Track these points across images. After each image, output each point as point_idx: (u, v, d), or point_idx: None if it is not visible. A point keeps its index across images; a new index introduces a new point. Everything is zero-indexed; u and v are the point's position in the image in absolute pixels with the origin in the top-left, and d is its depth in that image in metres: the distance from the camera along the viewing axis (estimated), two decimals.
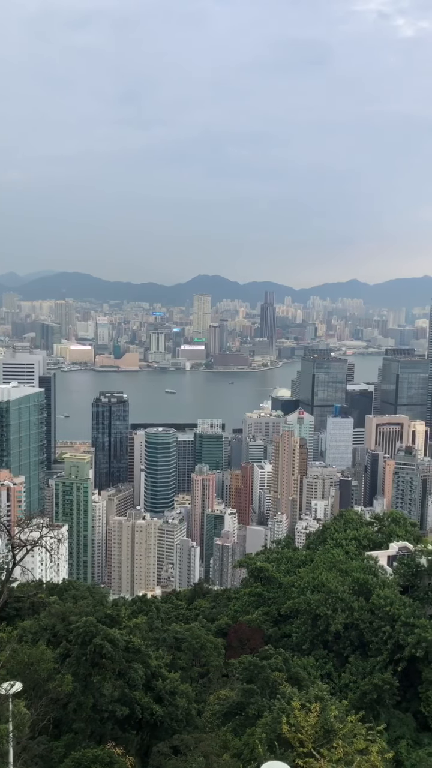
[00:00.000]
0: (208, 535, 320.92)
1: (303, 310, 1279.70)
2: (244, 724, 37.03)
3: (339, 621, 62.32)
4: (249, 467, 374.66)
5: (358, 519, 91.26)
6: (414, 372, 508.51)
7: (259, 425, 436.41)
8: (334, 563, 71.57)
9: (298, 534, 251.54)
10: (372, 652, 60.69)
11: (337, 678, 59.70)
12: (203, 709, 44.06)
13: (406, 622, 58.87)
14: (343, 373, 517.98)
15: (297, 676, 46.51)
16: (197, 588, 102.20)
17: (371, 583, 64.38)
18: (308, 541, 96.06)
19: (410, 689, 58.90)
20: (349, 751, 23.25)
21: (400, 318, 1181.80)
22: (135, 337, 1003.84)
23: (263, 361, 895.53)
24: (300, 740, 24.19)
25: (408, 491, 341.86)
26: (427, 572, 67.53)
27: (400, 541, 77.51)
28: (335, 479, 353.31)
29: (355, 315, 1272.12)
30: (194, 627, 59.31)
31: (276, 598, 73.90)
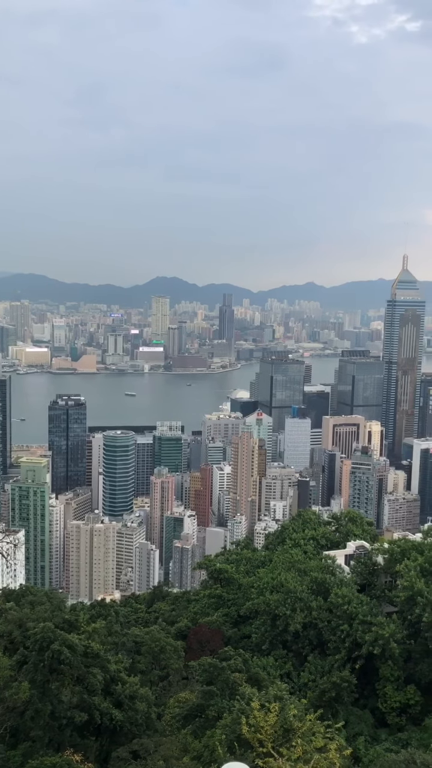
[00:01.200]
0: (167, 538, 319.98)
1: (261, 312, 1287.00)
2: (204, 726, 37.00)
3: (298, 620, 62.80)
4: (208, 469, 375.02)
5: (316, 519, 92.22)
6: (369, 373, 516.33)
7: (219, 427, 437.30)
8: (292, 563, 72.11)
9: (258, 535, 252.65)
10: (330, 650, 61.34)
11: (296, 677, 60.17)
12: (163, 713, 43.88)
13: (364, 620, 59.70)
14: (301, 374, 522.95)
15: (257, 677, 46.68)
16: (156, 591, 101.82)
17: (329, 583, 65.05)
18: (267, 542, 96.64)
19: (368, 686, 59.77)
20: (308, 750, 23.43)
21: (356, 320, 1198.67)
22: (92, 339, 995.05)
23: (222, 363, 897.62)
24: (259, 740, 24.29)
25: (364, 491, 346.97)
26: (384, 570, 68.66)
27: (357, 540, 78.55)
28: (293, 480, 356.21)
29: (312, 317, 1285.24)
30: (154, 630, 59.03)
31: (235, 599, 74.10)
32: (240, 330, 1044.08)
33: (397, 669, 58.34)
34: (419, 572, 61.70)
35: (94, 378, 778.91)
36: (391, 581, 67.40)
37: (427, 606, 58.18)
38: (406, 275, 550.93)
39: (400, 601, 61.33)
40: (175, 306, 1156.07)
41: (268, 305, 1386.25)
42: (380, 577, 68.77)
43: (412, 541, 71.05)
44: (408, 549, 67.29)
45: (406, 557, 65.00)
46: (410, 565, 62.40)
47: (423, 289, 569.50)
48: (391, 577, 67.53)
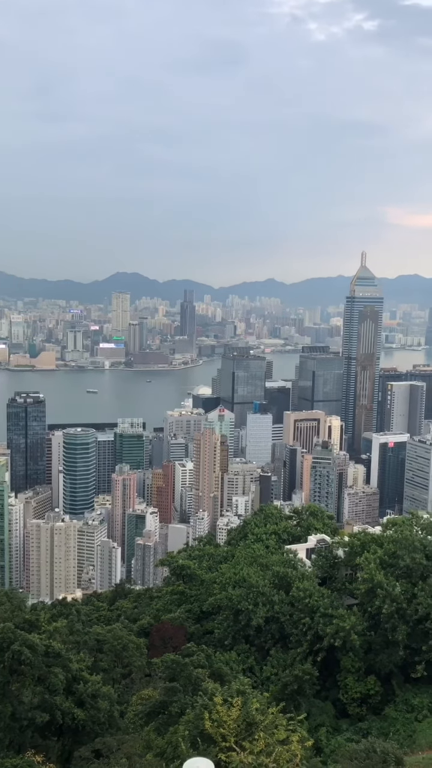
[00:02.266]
0: (129, 535, 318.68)
1: (222, 308, 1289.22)
2: (167, 723, 36.98)
3: (260, 615, 63.19)
4: (170, 466, 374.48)
5: (278, 513, 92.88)
6: (329, 369, 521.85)
7: (180, 423, 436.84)
8: (254, 558, 72.51)
9: (220, 530, 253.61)
10: (292, 644, 61.89)
11: (258, 671, 60.57)
12: (126, 711, 43.72)
13: (325, 613, 60.37)
14: (262, 370, 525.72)
15: (219, 672, 46.85)
16: (119, 589, 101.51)
17: (291, 576, 65.58)
18: (229, 537, 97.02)
19: (329, 678, 60.52)
20: (270, 742, 23.61)
21: (316, 317, 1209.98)
22: (51, 335, 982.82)
23: (184, 360, 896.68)
24: (222, 735, 24.37)
25: (325, 485, 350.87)
26: (344, 563, 69.50)
27: (318, 533, 79.34)
28: (255, 475, 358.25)
29: (273, 314, 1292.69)
30: (116, 628, 58.72)
31: (198, 595, 74.21)
32: (201, 326, 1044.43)
33: (357, 660, 59.20)
34: (379, 565, 62.61)
35: (53, 375, 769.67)
36: (352, 574, 68.25)
37: (387, 598, 59.11)
38: (364, 272, 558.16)
39: (361, 593, 62.17)
40: (135, 302, 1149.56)
41: (230, 301, 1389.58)
42: (341, 570, 69.58)
43: (372, 534, 72.04)
44: (368, 542, 68.21)
45: (365, 550, 65.89)
46: (370, 558, 63.29)
47: (381, 286, 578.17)
48: (352, 570, 68.38)
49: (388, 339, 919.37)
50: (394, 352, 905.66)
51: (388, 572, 62.21)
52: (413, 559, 61.87)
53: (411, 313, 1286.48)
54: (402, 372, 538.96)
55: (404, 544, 63.77)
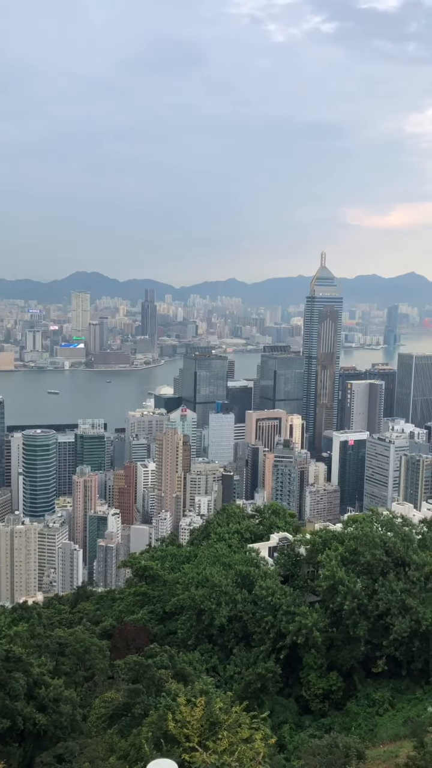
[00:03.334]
0: (91, 537, 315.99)
1: (184, 308, 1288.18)
2: (130, 725, 36.74)
3: (223, 614, 63.29)
4: (132, 466, 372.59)
5: (240, 513, 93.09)
6: (290, 368, 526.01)
7: (142, 424, 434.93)
8: (217, 557, 72.58)
9: (183, 531, 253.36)
10: (255, 642, 62.14)
11: (222, 670, 60.65)
12: (89, 714, 43.31)
13: (288, 610, 60.77)
14: (224, 370, 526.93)
15: (183, 672, 46.76)
16: (80, 591, 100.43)
17: (254, 575, 65.83)
18: (192, 537, 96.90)
19: (292, 675, 60.97)
20: (233, 741, 23.65)
21: (277, 316, 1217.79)
22: (9, 335, 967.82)
23: (145, 359, 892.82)
24: (186, 735, 24.32)
25: (287, 483, 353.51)
26: (306, 561, 70.10)
27: (280, 532, 79.79)
28: (218, 474, 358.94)
29: (234, 313, 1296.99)
30: (78, 631, 58.17)
31: (161, 595, 73.97)
32: (163, 326, 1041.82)
33: (320, 657, 59.75)
34: (340, 561, 63.28)
35: (11, 376, 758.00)
36: (314, 571, 68.85)
37: (348, 594, 59.78)
38: (324, 272, 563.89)
39: (322, 590, 62.75)
40: (95, 301, 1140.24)
41: (191, 301, 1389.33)
42: (303, 568, 70.15)
43: (333, 531, 72.75)
44: (329, 539, 68.87)
45: (327, 547, 66.52)
46: (331, 555, 63.92)
47: (340, 286, 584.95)
48: (314, 567, 68.98)
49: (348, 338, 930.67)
50: (354, 351, 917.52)
51: (349, 569, 62.94)
52: (374, 555, 62.72)
53: (370, 312, 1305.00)
54: (361, 371, 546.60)
55: (365, 541, 64.59)
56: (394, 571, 62.62)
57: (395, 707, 56.79)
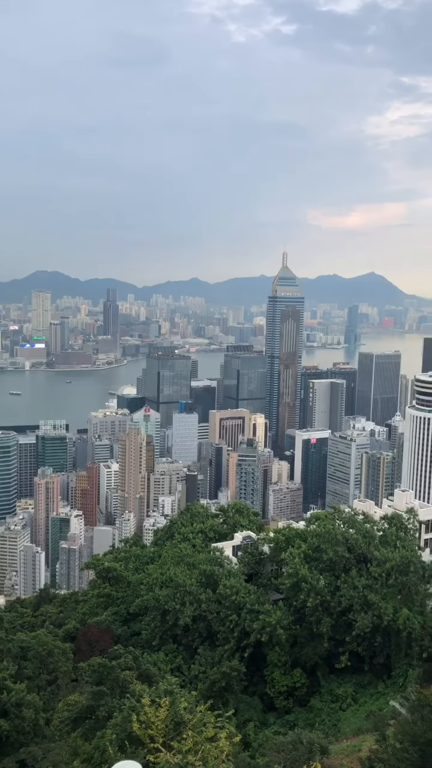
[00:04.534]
0: (53, 539, 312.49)
1: (146, 307, 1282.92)
2: (94, 728, 36.43)
3: (187, 614, 63.25)
4: (95, 467, 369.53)
5: (204, 512, 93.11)
6: (253, 368, 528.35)
7: (105, 424, 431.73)
8: (181, 557, 72.49)
9: (147, 531, 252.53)
10: (220, 641, 62.26)
11: (187, 670, 60.64)
12: (52, 718, 42.82)
13: (251, 609, 61.04)
14: (187, 369, 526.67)
15: (147, 673, 46.59)
16: (43, 594, 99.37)
17: (218, 574, 65.94)
18: (156, 538, 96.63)
19: (257, 673, 61.26)
20: (198, 741, 23.66)
21: (240, 316, 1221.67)
22: None
23: (108, 359, 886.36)
24: (150, 736, 24.24)
25: (250, 482, 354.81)
26: (270, 559, 70.49)
27: (244, 531, 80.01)
28: (182, 474, 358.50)
29: (197, 313, 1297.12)
30: (41, 634, 57.50)
31: (125, 597, 73.61)
32: (125, 325, 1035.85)
33: (284, 654, 60.17)
34: (303, 559, 63.81)
35: None
36: (277, 569, 69.29)
37: (311, 591, 60.32)
38: (285, 272, 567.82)
39: (286, 587, 63.20)
40: (56, 301, 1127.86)
41: (153, 300, 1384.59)
42: (266, 566, 70.52)
43: (296, 529, 73.31)
44: (292, 537, 69.39)
45: (290, 545, 67.02)
46: (294, 553, 64.42)
47: (302, 286, 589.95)
48: (277, 565, 69.42)
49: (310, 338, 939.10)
50: (316, 350, 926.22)
51: (312, 566, 63.49)
52: (336, 552, 63.39)
53: (331, 312, 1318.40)
54: (323, 370, 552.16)
55: (327, 538, 65.23)
56: (356, 567, 63.41)
57: (358, 702, 57.56)
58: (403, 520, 70.04)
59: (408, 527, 69.69)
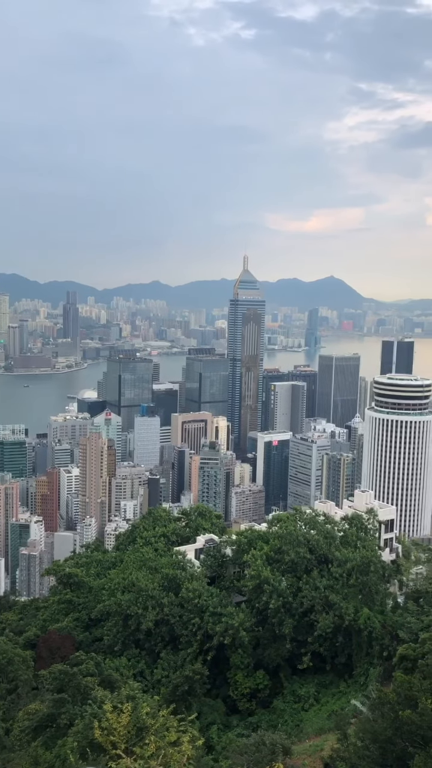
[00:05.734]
0: (13, 546, 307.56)
1: (107, 310, 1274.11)
2: (55, 736, 35.99)
3: (150, 618, 63.00)
4: (55, 472, 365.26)
5: (167, 516, 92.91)
6: (215, 370, 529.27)
7: (65, 428, 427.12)
8: (143, 562, 72.20)
9: (108, 536, 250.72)
10: (183, 644, 62.16)
11: (149, 675, 60.40)
12: (12, 727, 42.11)
13: (214, 611, 61.10)
14: (149, 372, 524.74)
15: (110, 679, 46.25)
16: (2, 601, 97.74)
17: (180, 578, 65.85)
18: (118, 542, 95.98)
19: (219, 676, 61.32)
20: (161, 745, 23.57)
21: (201, 319, 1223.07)
22: None
23: (68, 363, 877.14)
24: (112, 742, 24.04)
25: (213, 485, 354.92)
26: (232, 561, 70.66)
27: (206, 533, 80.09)
28: (144, 478, 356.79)
29: (159, 316, 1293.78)
30: (0, 642, 56.53)
31: (86, 602, 72.95)
32: (86, 329, 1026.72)
33: (246, 656, 60.37)
34: (265, 561, 64.16)
35: None
36: (240, 571, 69.50)
37: (273, 593, 60.67)
38: (246, 275, 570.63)
39: (248, 589, 63.44)
40: (15, 303, 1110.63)
41: (114, 303, 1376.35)
42: (229, 568, 70.67)
43: (258, 531, 73.67)
44: (254, 539, 69.72)
45: (252, 547, 67.31)
46: (257, 554, 64.72)
47: (263, 289, 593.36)
48: (240, 567, 69.63)
49: (271, 341, 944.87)
50: (277, 353, 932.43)
51: (275, 567, 63.88)
52: (297, 553, 63.91)
53: (291, 315, 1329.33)
54: (284, 372, 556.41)
55: (289, 540, 65.71)
56: (317, 568, 64.02)
57: (320, 702, 58.09)
58: (363, 521, 70.98)
59: (368, 527, 70.65)
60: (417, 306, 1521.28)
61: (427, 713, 28.17)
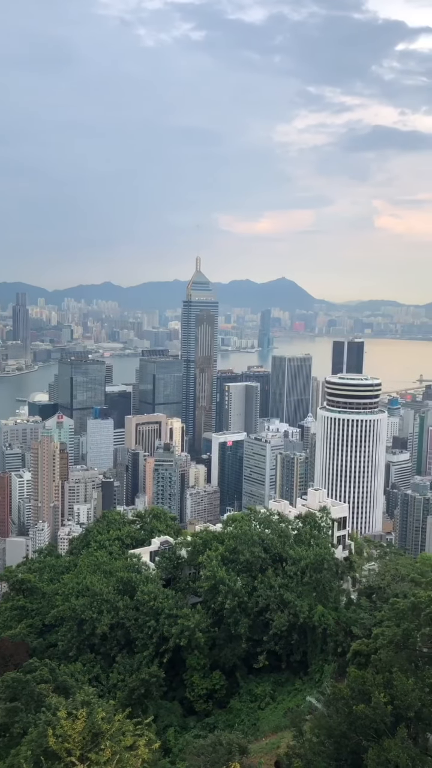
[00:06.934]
0: None
1: (58, 312, 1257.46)
2: (8, 746, 35.31)
3: (105, 622, 62.44)
4: (6, 477, 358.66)
5: (121, 519, 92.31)
6: (169, 372, 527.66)
7: (16, 432, 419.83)
8: (98, 566, 71.52)
9: (62, 540, 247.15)
10: (138, 648, 61.79)
11: (105, 679, 59.85)
12: None
13: (170, 613, 60.94)
14: (102, 374, 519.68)
15: (64, 685, 45.63)
16: None
17: (135, 581, 65.46)
18: (72, 547, 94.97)
19: (176, 678, 61.20)
20: (116, 750, 23.37)
21: (154, 320, 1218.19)
22: None
23: (17, 365, 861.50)
24: (67, 749, 23.73)
25: (168, 486, 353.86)
26: (188, 563, 70.61)
27: (161, 536, 79.85)
28: (97, 481, 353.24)
29: (111, 317, 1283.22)
30: None
31: (40, 608, 71.85)
32: (36, 330, 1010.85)
33: (203, 657, 60.39)
34: (220, 561, 64.31)
35: None
36: (195, 572, 69.51)
37: (229, 593, 60.84)
38: (199, 277, 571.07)
39: (204, 590, 63.48)
40: None
41: (65, 305, 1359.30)
42: (184, 570, 70.62)
43: (213, 532, 73.80)
44: (209, 540, 69.83)
45: (208, 548, 67.42)
46: (212, 555, 64.83)
47: (215, 290, 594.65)
48: (195, 569, 69.64)
49: (224, 342, 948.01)
50: (230, 354, 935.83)
51: (230, 568, 64.08)
52: (252, 553, 64.24)
53: (244, 316, 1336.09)
54: (238, 373, 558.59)
55: (244, 540, 66.03)
56: (272, 567, 64.48)
57: (276, 700, 58.50)
58: (316, 519, 71.82)
59: (321, 525, 71.51)
60: (366, 307, 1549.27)
61: (379, 707, 28.65)
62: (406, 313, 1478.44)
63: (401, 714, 28.90)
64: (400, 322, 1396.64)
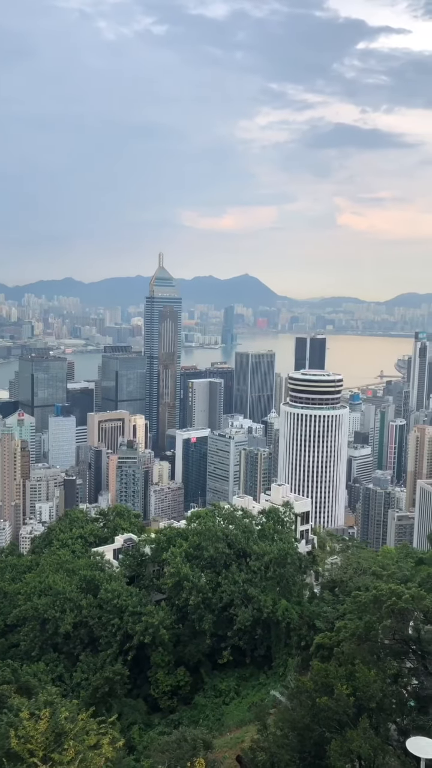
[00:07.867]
0: None
1: (18, 307, 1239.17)
2: None
3: (68, 621, 61.98)
4: None
5: (84, 517, 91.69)
6: (132, 368, 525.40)
7: None
8: (60, 564, 70.91)
9: (23, 539, 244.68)
10: (102, 646, 61.50)
11: (68, 678, 59.42)
12: None
13: (134, 611, 60.78)
14: (63, 371, 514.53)
15: (27, 685, 45.10)
16: None
17: (98, 579, 65.11)
18: (33, 546, 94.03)
19: (140, 675, 61.08)
20: (80, 750, 23.23)
21: (117, 316, 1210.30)
22: None
23: None
24: (30, 750, 23.47)
25: (131, 484, 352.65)
26: (151, 560, 70.49)
27: (125, 533, 79.56)
28: (59, 479, 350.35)
29: (73, 313, 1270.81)
30: None
31: (1, 608, 70.96)
32: None
33: (167, 654, 60.39)
34: (184, 558, 64.35)
35: None
36: (159, 569, 69.43)
37: (193, 589, 60.94)
38: (162, 273, 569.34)
39: (168, 587, 63.46)
40: None
41: (25, 300, 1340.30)
42: (148, 567, 70.47)
43: (177, 529, 73.78)
44: (173, 536, 69.78)
45: (172, 545, 67.38)
46: (176, 552, 64.83)
47: (178, 287, 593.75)
48: (159, 566, 69.57)
49: (188, 338, 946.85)
50: (194, 350, 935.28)
51: (194, 564, 64.17)
52: (216, 549, 64.43)
53: (208, 313, 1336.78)
54: (201, 370, 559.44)
55: (208, 536, 66.16)
56: (236, 562, 64.77)
57: (241, 695, 58.87)
58: (280, 514, 72.34)
59: (285, 520, 72.07)
60: (328, 304, 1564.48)
61: (342, 699, 29.04)
62: (367, 309, 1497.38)
63: (363, 705, 29.35)
64: (361, 318, 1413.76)
